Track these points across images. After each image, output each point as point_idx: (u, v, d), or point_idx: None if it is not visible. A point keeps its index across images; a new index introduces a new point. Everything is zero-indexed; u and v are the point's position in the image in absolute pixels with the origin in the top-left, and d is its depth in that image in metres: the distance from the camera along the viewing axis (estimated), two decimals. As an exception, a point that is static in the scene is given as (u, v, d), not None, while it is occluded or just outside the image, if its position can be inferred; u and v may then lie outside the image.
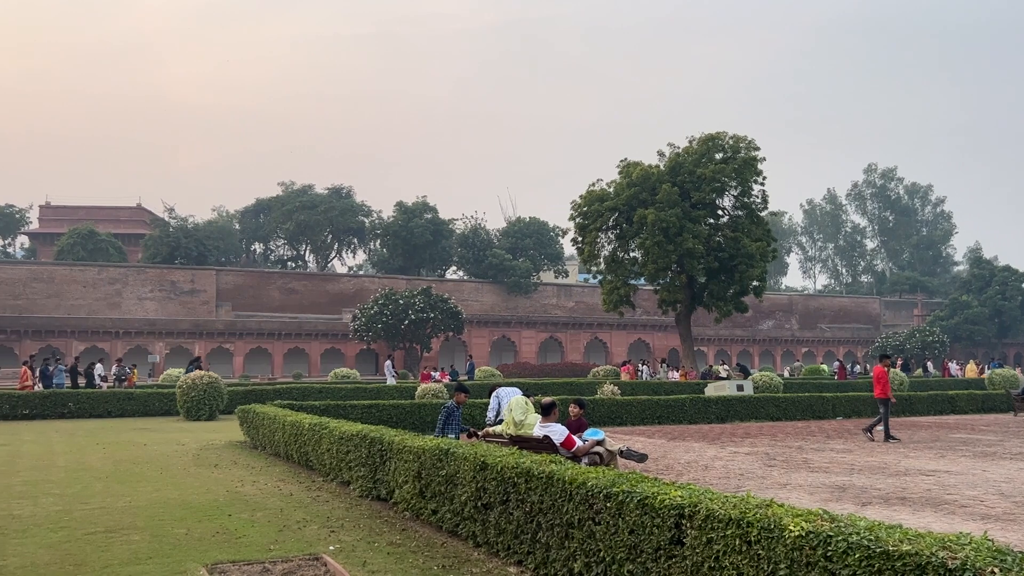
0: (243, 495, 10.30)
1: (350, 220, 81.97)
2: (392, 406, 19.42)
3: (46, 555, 7.15)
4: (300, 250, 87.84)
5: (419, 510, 8.53)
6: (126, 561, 6.93)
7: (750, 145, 41.63)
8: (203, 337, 61.96)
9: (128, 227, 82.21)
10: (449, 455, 7.94)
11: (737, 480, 11.68)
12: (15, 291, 61.58)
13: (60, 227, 77.51)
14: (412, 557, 7.10)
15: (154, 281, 65.67)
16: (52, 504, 9.68)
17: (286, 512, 9.16)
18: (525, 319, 72.50)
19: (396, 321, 53.31)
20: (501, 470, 6.98)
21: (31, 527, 8.33)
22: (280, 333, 64.04)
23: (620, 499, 5.50)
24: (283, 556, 7.07)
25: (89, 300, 63.05)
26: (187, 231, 75.27)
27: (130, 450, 15.49)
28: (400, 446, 9.08)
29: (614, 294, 42.46)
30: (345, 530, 8.22)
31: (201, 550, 7.33)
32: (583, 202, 42.68)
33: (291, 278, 73.39)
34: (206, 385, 23.59)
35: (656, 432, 19.83)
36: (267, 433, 14.88)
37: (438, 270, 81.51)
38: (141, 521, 8.61)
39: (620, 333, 73.77)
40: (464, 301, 68.30)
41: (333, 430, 11.40)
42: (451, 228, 79.87)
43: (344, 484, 10.90)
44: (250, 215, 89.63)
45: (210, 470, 12.70)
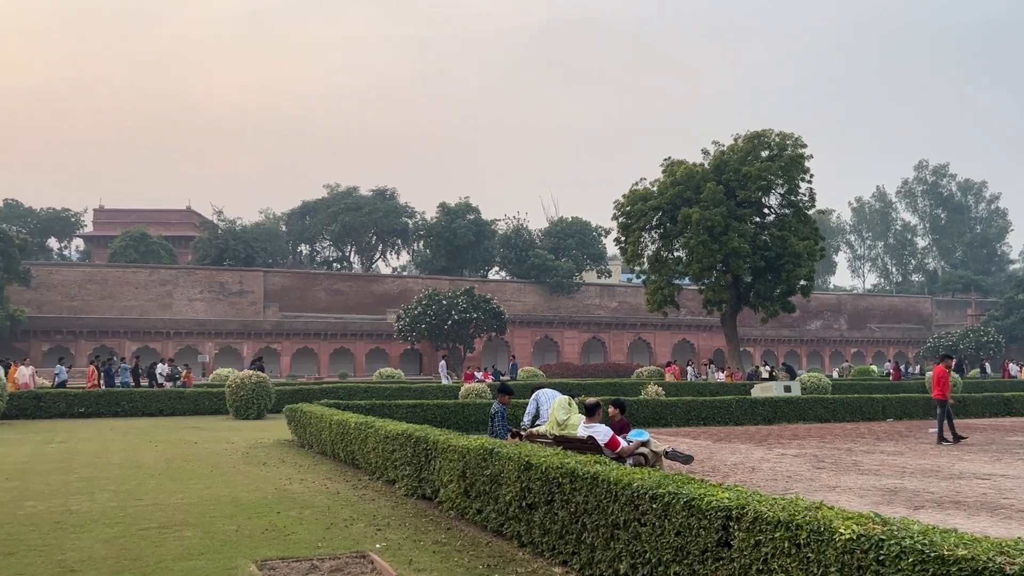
0: (291, 493, 10.46)
1: (394, 221, 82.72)
2: (436, 406, 19.54)
3: (103, 549, 7.35)
4: (345, 251, 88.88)
5: (464, 509, 8.57)
6: (179, 556, 7.08)
7: (797, 142, 41.03)
8: (251, 337, 63.03)
9: (178, 230, 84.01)
10: (493, 455, 7.96)
11: (785, 482, 11.52)
12: (71, 292, 63.34)
13: (113, 230, 79.55)
14: (457, 556, 7.14)
15: (203, 282, 67.02)
16: (108, 500, 9.93)
17: (333, 510, 9.27)
18: (568, 319, 72.39)
19: (439, 321, 53.63)
20: (546, 470, 6.98)
21: (88, 522, 8.56)
22: (326, 333, 64.85)
23: (666, 500, 5.47)
24: (331, 553, 7.17)
25: (141, 301, 64.58)
26: (235, 233, 76.67)
27: (182, 448, 15.82)
28: (445, 445, 9.14)
29: (658, 294, 42.16)
30: (391, 528, 8.30)
31: (251, 546, 7.46)
32: (626, 201, 42.47)
33: (336, 279, 74.29)
34: (254, 385, 24.01)
35: (701, 433, 19.64)
36: (314, 432, 15.09)
37: (481, 271, 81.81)
38: (193, 518, 8.80)
39: (664, 333, 73.23)
40: (507, 301, 68.44)
41: (379, 429, 11.51)
42: (493, 229, 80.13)
43: (390, 483, 11.00)
44: (296, 217, 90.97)
45: (259, 468, 12.91)
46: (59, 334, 58.69)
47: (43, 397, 24.49)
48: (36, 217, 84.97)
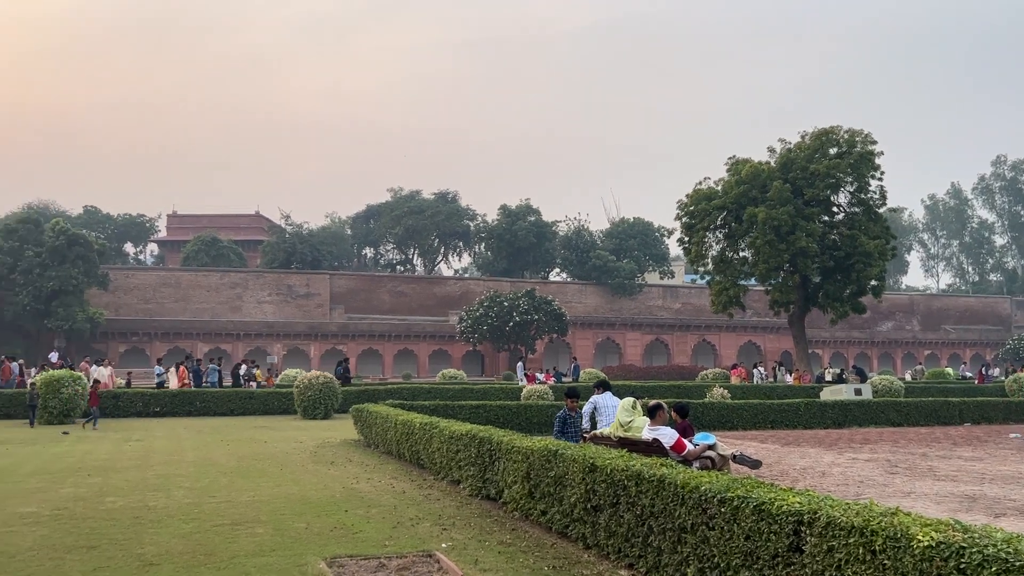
0: (358, 492, 10.63)
1: (456, 224, 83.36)
2: (499, 407, 19.61)
3: (179, 545, 7.59)
4: (408, 254, 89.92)
5: (528, 510, 8.58)
6: (251, 553, 7.27)
7: (866, 139, 39.93)
8: (318, 339, 64.25)
9: (247, 234, 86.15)
10: (558, 456, 7.96)
11: (857, 487, 11.23)
12: (146, 295, 65.58)
13: (186, 235, 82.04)
14: (523, 557, 7.16)
15: (272, 285, 68.62)
16: (183, 497, 10.25)
17: (399, 509, 9.39)
18: (630, 321, 71.82)
19: (501, 323, 53.80)
20: (611, 472, 6.95)
21: (165, 518, 8.85)
22: (390, 335, 65.70)
23: (735, 504, 5.39)
24: (398, 552, 7.26)
25: (212, 303, 66.46)
26: (302, 237, 78.28)
27: (252, 447, 16.22)
28: (509, 446, 9.17)
29: (723, 295, 41.51)
30: (457, 528, 8.36)
31: (320, 544, 7.61)
32: (690, 201, 41.95)
33: (400, 281, 75.22)
34: (321, 385, 24.46)
35: (769, 437, 19.27)
36: (380, 432, 15.30)
37: (542, 272, 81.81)
38: (264, 515, 9.01)
39: (729, 335, 72.05)
40: (568, 303, 68.26)
41: (443, 430, 11.62)
42: (554, 230, 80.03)
43: (454, 483, 11.08)
44: (361, 221, 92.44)
45: (327, 467, 13.16)
46: (135, 336, 60.78)
47: (121, 396, 25.41)
48: (113, 223, 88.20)
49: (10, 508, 9.46)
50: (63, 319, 53.52)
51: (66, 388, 22.06)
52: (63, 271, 53.71)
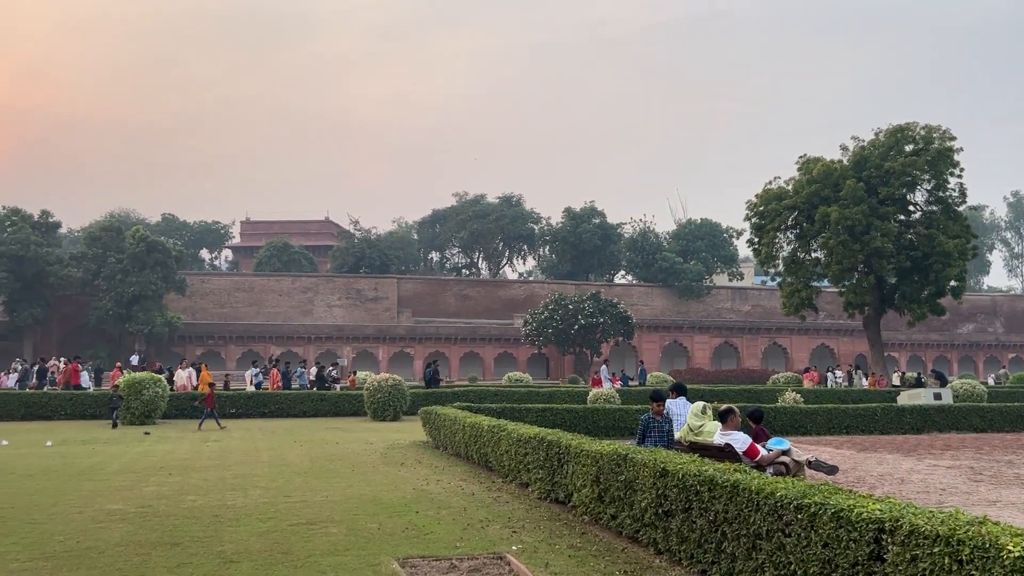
0: (428, 493, 10.75)
1: (520, 227, 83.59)
2: (566, 410, 19.58)
3: (257, 543, 7.79)
4: (473, 257, 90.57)
5: (598, 514, 8.55)
6: (326, 552, 7.42)
7: (944, 135, 38.59)
8: (386, 342, 65.19)
9: (317, 239, 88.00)
10: (628, 460, 7.91)
11: (938, 495, 10.86)
12: (221, 300, 67.60)
13: (258, 240, 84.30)
14: (593, 561, 7.13)
15: (341, 289, 69.95)
16: (260, 496, 10.53)
17: (469, 511, 9.46)
18: (698, 323, 70.81)
19: (566, 326, 53.67)
20: (683, 477, 6.87)
21: (243, 516, 9.10)
22: (456, 338, 66.23)
23: (812, 511, 5.27)
24: (468, 553, 7.32)
25: (284, 307, 68.09)
26: (370, 242, 79.64)
27: (324, 448, 16.56)
28: (577, 450, 9.15)
29: (795, 297, 40.61)
30: (526, 531, 8.38)
31: (393, 544, 7.73)
32: (759, 201, 41.19)
33: (465, 285, 75.79)
34: (391, 388, 24.82)
35: (844, 443, 18.78)
36: (448, 434, 15.44)
37: (607, 275, 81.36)
38: (338, 515, 9.19)
39: (801, 338, 70.36)
40: (633, 305, 67.70)
41: (511, 432, 11.66)
42: (619, 232, 79.51)
43: (523, 485, 11.11)
44: (427, 225, 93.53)
45: (397, 468, 13.34)
46: (211, 339, 62.66)
47: (199, 398, 26.20)
48: (189, 230, 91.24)
49: (98, 504, 9.86)
50: (143, 323, 55.52)
51: (147, 390, 22.87)
52: (143, 277, 55.72)
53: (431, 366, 31.82)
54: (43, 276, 56.21)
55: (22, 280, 54.81)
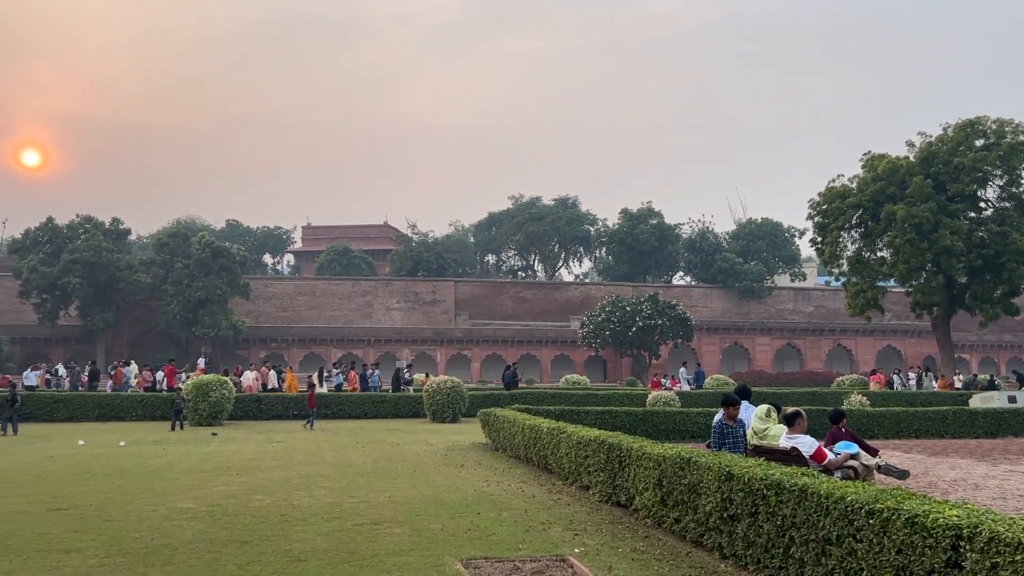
0: (489, 495, 10.79)
1: (576, 229, 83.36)
2: (625, 412, 19.43)
3: (323, 542, 7.93)
4: (529, 260, 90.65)
5: (661, 518, 8.46)
6: (391, 552, 7.51)
7: (1017, 129, 37.21)
8: (444, 344, 65.69)
9: (376, 243, 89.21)
10: (691, 464, 7.81)
11: (1016, 501, 10.47)
12: (284, 304, 69.02)
13: (319, 245, 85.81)
14: (657, 565, 7.07)
15: (400, 293, 70.77)
16: (324, 496, 10.70)
17: (530, 513, 9.47)
18: (759, 325, 69.59)
19: (623, 328, 53.33)
20: (748, 481, 6.76)
21: (309, 516, 9.27)
22: (513, 340, 66.36)
23: (885, 516, 5.14)
24: (531, 555, 7.32)
25: (345, 311, 69.19)
26: (428, 245, 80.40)
27: (385, 449, 16.75)
28: (639, 453, 9.07)
29: (860, 297, 39.62)
30: (588, 534, 8.35)
31: (456, 545, 7.78)
32: (822, 200, 40.31)
33: (522, 287, 75.89)
34: (449, 389, 24.99)
35: (914, 447, 18.25)
36: (507, 436, 15.47)
37: (664, 276, 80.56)
38: (401, 515, 9.29)
39: (867, 339, 68.59)
40: (692, 307, 66.90)
41: (571, 435, 11.63)
42: (677, 233, 78.64)
43: (583, 488, 11.07)
44: (483, 228, 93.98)
45: (457, 470, 13.42)
46: (274, 342, 64.00)
47: (263, 400, 26.82)
48: (253, 235, 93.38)
49: (170, 503, 10.16)
50: (209, 327, 57.00)
51: (214, 392, 23.45)
52: (208, 281, 57.22)
53: (510, 368, 32.19)
54: (114, 282, 58.16)
55: (95, 286, 56.79)
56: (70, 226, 59.30)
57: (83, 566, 7.00)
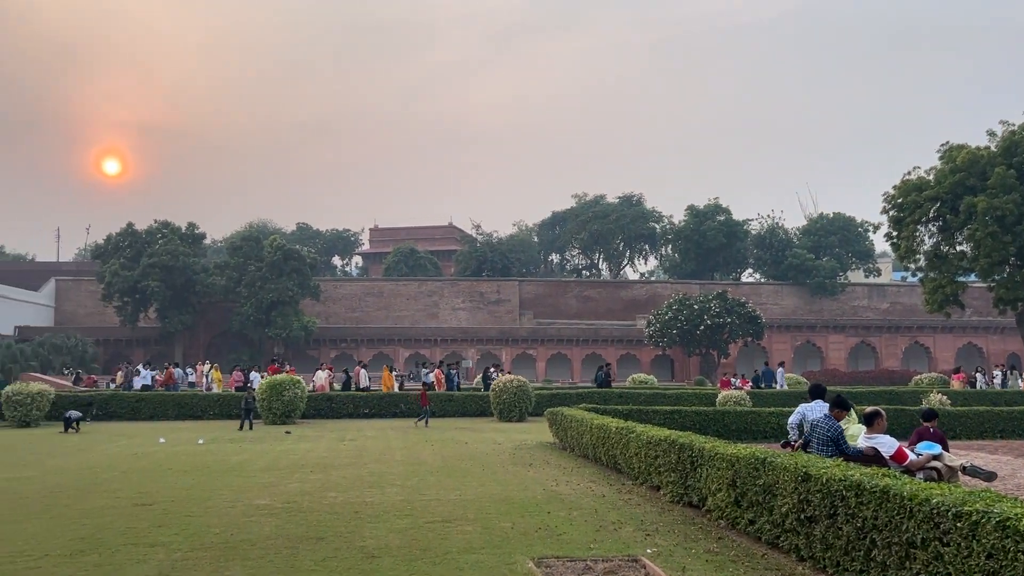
0: (559, 494, 10.77)
1: (641, 227, 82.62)
2: (695, 412, 19.16)
3: (396, 539, 8.03)
4: (594, 258, 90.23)
5: (735, 519, 8.32)
6: (463, 549, 7.56)
7: (1108, 114, 35.36)
8: (508, 344, 65.90)
9: (442, 244, 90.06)
10: (766, 464, 7.66)
11: (1114, 507, 9.93)
12: (352, 305, 70.28)
13: (386, 247, 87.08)
14: (732, 566, 6.95)
15: (465, 293, 71.31)
16: (396, 494, 10.84)
17: (600, 512, 9.41)
18: (832, 323, 67.82)
19: (691, 326, 52.60)
20: (827, 482, 6.59)
21: (381, 513, 9.40)
22: (578, 339, 66.16)
23: (974, 519, 4.94)
24: (603, 555, 7.28)
25: (411, 311, 70.07)
26: (492, 245, 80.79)
27: (454, 447, 16.89)
28: (712, 453, 8.93)
29: (938, 293, 38.22)
30: (660, 534, 8.26)
31: (526, 544, 7.78)
32: (897, 193, 39.02)
33: (586, 286, 75.60)
34: (516, 389, 25.05)
35: (999, 447, 17.52)
36: (575, 435, 15.42)
37: (733, 273, 79.18)
38: (471, 513, 9.35)
39: (946, 337, 66.18)
40: (762, 304, 65.63)
41: (640, 434, 11.52)
42: (746, 229, 77.14)
43: (654, 488, 10.96)
44: (547, 227, 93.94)
45: (525, 468, 13.44)
46: (344, 342, 65.21)
47: (335, 399, 27.34)
48: (322, 238, 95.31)
49: (247, 499, 10.43)
50: (281, 327, 58.40)
51: (287, 391, 24.00)
52: (280, 283, 58.63)
53: (602, 369, 32.16)
54: (191, 285, 60.09)
55: (172, 289, 58.76)
56: (149, 231, 61.49)
57: (167, 560, 7.24)
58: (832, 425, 8.76)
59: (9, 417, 23.77)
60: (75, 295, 70.69)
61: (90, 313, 68.99)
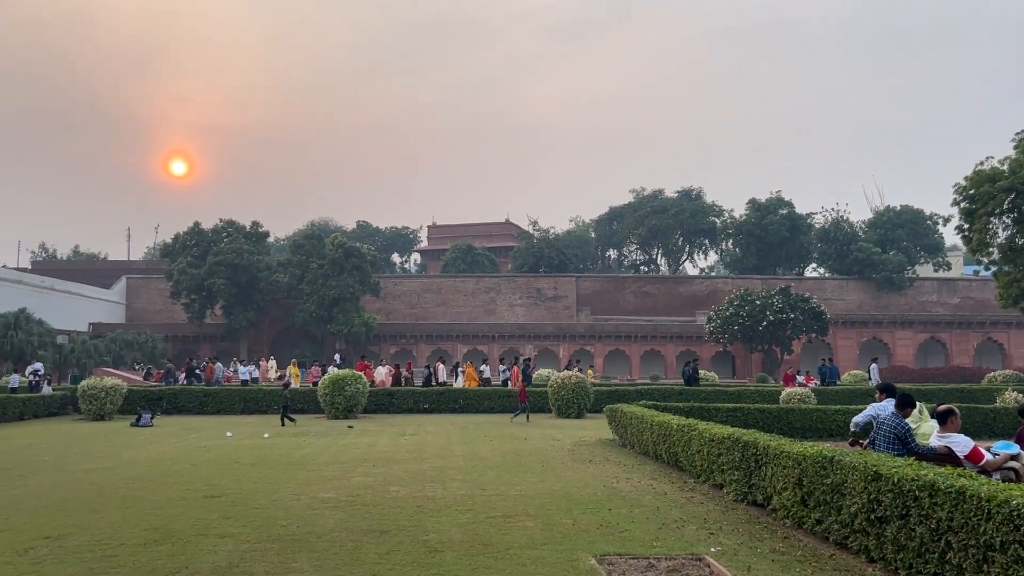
0: (619, 491, 10.70)
1: (701, 221, 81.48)
2: (757, 410, 18.82)
3: (458, 534, 8.08)
4: (652, 254, 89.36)
5: (801, 519, 8.15)
6: (524, 545, 7.57)
7: None
8: (566, 340, 65.73)
9: (498, 241, 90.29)
10: (834, 463, 7.48)
11: None
12: (411, 301, 71.00)
13: (444, 243, 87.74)
14: (799, 567, 6.81)
15: (522, 289, 71.37)
16: (457, 489, 10.92)
17: (662, 511, 9.32)
18: (899, 318, 65.90)
19: (753, 323, 51.72)
20: (898, 482, 6.41)
21: (443, 508, 9.47)
22: (636, 336, 65.61)
23: (1058, 523, 4.75)
24: (666, 553, 7.21)
25: (469, 307, 70.45)
26: (549, 242, 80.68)
27: (512, 443, 16.92)
28: (777, 451, 8.77)
29: (1013, 288, 36.79)
30: (724, 533, 8.14)
31: (588, 540, 7.75)
32: (969, 184, 37.66)
33: (644, 282, 74.93)
34: (574, 385, 24.99)
35: (1080, 448, 16.78)
36: (635, 432, 15.31)
37: (795, 268, 77.51)
38: (532, 509, 9.35)
39: (1021, 333, 63.66)
40: (827, 300, 64.16)
41: (702, 432, 11.38)
42: (809, 223, 75.35)
43: (716, 487, 10.81)
44: (604, 223, 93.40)
45: (585, 465, 13.39)
46: (403, 338, 65.92)
47: (395, 394, 27.66)
48: (382, 235, 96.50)
49: (312, 492, 10.62)
50: (343, 324, 59.31)
51: (349, 387, 24.37)
52: (341, 281, 59.54)
53: (689, 364, 31.86)
54: (255, 282, 61.44)
55: (238, 286, 60.17)
56: (214, 230, 63.06)
57: (236, 550, 7.41)
58: (898, 423, 8.56)
59: (85, 410, 24.68)
60: (145, 292, 72.97)
61: (159, 310, 71.16)
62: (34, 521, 8.81)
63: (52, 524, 8.63)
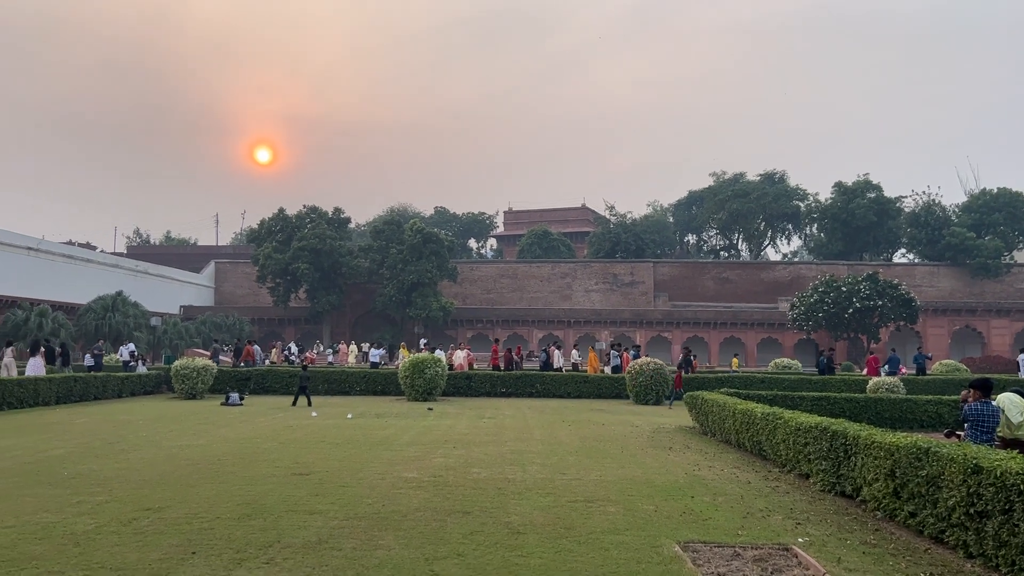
0: (701, 479, 10.57)
1: (784, 205, 79.46)
2: (844, 399, 18.29)
3: (540, 517, 8.13)
4: (732, 239, 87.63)
5: (893, 511, 7.90)
6: (606, 530, 7.56)
7: None
8: (643, 326, 65.19)
9: (575, 226, 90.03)
10: (930, 455, 7.22)
11: None
12: (488, 286, 71.50)
13: (520, 229, 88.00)
14: (892, 560, 6.61)
15: (598, 274, 71.02)
16: (537, 472, 10.97)
17: (747, 499, 9.17)
18: (995, 306, 63.04)
19: (839, 310, 50.21)
20: (1001, 475, 6.14)
21: (524, 491, 9.53)
22: (715, 322, 64.60)
23: None
24: (752, 542, 7.10)
25: (545, 292, 70.53)
26: (626, 227, 79.97)
27: (591, 428, 16.89)
28: (868, 441, 8.51)
29: (1122, 274, 34.73)
30: (811, 524, 7.96)
31: (671, 527, 7.69)
32: (1074, 165, 35.64)
33: (724, 267, 73.59)
34: (652, 371, 24.76)
35: None
36: (716, 420, 15.09)
37: (883, 254, 74.87)
38: (613, 495, 9.33)
39: None
40: (916, 287, 61.87)
41: (788, 421, 11.13)
42: (898, 207, 72.66)
43: (802, 476, 10.57)
44: (683, 208, 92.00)
45: (665, 452, 13.27)
46: (480, 323, 66.54)
47: (473, 378, 27.94)
48: (459, 221, 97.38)
49: (396, 472, 10.83)
50: (421, 308, 60.23)
51: (429, 369, 24.73)
52: (420, 266, 60.42)
53: (824, 353, 31.25)
54: (337, 267, 62.88)
55: (320, 270, 61.71)
56: (298, 216, 64.75)
57: (326, 527, 7.63)
58: (984, 408, 8.51)
59: (178, 389, 25.73)
60: (232, 276, 75.56)
61: (246, 293, 73.63)
62: (136, 493, 9.25)
63: (152, 497, 9.05)
